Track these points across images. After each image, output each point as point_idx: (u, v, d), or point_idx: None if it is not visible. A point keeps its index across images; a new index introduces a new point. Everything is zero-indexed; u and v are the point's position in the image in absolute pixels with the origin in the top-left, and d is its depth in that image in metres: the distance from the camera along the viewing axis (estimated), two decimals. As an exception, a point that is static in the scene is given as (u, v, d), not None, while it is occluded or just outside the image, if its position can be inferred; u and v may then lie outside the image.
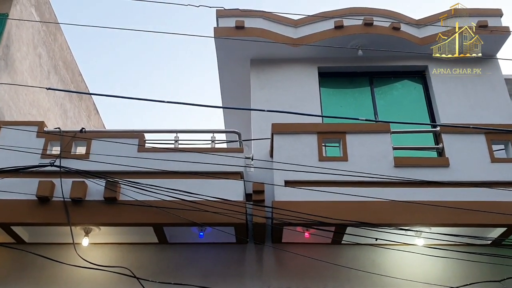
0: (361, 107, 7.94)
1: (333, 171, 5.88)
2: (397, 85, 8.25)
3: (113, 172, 5.83)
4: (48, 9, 10.22)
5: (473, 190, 5.90)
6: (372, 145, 6.23)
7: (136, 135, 6.21)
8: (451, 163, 6.13)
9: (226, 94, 9.10)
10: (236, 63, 8.27)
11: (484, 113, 7.61)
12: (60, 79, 10.84)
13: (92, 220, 5.72)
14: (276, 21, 8.08)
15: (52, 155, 6.07)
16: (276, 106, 7.41)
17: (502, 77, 8.01)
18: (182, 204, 5.53)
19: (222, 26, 7.96)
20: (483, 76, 7.96)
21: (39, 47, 9.80)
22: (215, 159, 5.98)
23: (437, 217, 5.72)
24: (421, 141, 7.44)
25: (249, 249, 6.30)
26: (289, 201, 5.78)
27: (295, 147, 6.23)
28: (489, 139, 6.29)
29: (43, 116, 9.70)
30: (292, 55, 8.08)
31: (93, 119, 13.23)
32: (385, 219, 5.72)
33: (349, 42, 7.92)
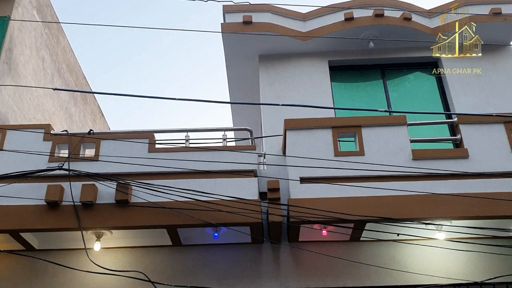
0: (374, 100, 7.76)
1: (349, 166, 5.72)
2: (410, 77, 8.07)
3: (123, 174, 5.70)
4: (50, 11, 10.09)
5: (494, 181, 5.74)
6: (389, 138, 6.06)
7: (146, 135, 6.06)
8: (471, 154, 5.96)
9: (234, 91, 8.93)
10: (245, 59, 8.11)
11: (500, 103, 7.43)
12: (64, 82, 10.70)
13: (104, 224, 5.57)
14: (284, 15, 7.91)
15: (60, 158, 5.93)
16: (287, 102, 7.24)
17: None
18: (195, 205, 5.38)
19: (229, 21, 7.78)
20: (497, 65, 7.78)
21: (42, 50, 9.66)
22: (227, 158, 5.82)
23: (458, 210, 5.56)
24: (436, 134, 7.26)
25: (265, 248, 6.15)
26: (305, 198, 5.62)
27: (309, 142, 6.06)
28: (509, 128, 6.12)
29: (48, 120, 9.55)
30: (302, 49, 7.91)
31: (98, 123, 13.10)
32: (405, 214, 5.55)
33: (359, 34, 7.74)
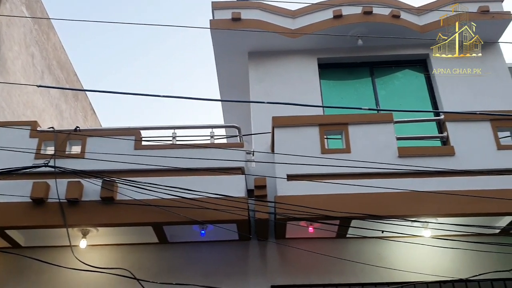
0: (363, 98, 7.78)
1: (336, 163, 5.73)
2: (398, 74, 8.09)
3: (109, 171, 5.67)
4: (39, 7, 10.04)
5: (480, 178, 5.76)
6: (375, 135, 6.08)
7: (132, 132, 6.04)
8: (457, 152, 5.98)
9: (224, 88, 8.93)
10: (234, 56, 8.09)
11: (487, 101, 7.45)
12: (55, 79, 10.66)
13: (89, 221, 5.56)
14: (273, 12, 7.90)
15: (46, 155, 5.90)
16: (276, 99, 7.24)
17: (505, 63, 7.85)
18: (181, 202, 5.37)
19: (218, 18, 7.78)
20: (485, 63, 7.80)
21: (32, 46, 9.61)
22: (214, 155, 5.82)
23: (444, 207, 5.58)
24: (424, 131, 7.28)
25: (252, 246, 6.16)
26: (292, 195, 5.63)
27: (296, 140, 6.07)
28: (495, 126, 6.14)
29: (38, 117, 9.52)
30: (291, 46, 7.91)
31: (90, 120, 13.06)
32: (390, 211, 5.57)
33: (348, 32, 7.74)
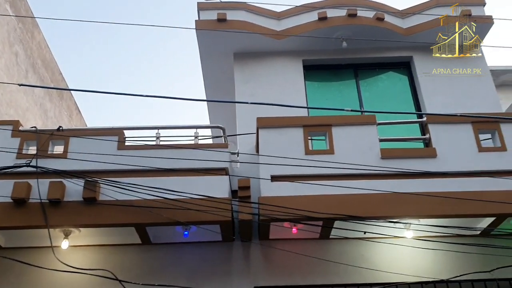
0: (347, 99, 7.82)
1: (319, 165, 5.76)
2: (382, 76, 8.14)
3: (92, 171, 5.64)
4: (24, 5, 9.95)
5: (461, 180, 5.83)
6: (358, 137, 6.12)
7: (116, 132, 6.02)
8: (438, 154, 6.05)
9: (210, 89, 8.92)
10: (219, 56, 8.08)
11: (470, 103, 7.53)
12: (39, 78, 10.57)
13: (71, 222, 5.51)
14: (258, 13, 7.91)
15: (28, 155, 5.85)
16: (261, 100, 7.25)
17: (487, 66, 7.94)
18: (164, 203, 5.35)
19: (203, 18, 7.77)
20: (467, 66, 7.88)
21: (16, 45, 9.52)
22: (198, 155, 5.81)
23: (426, 209, 5.64)
24: (408, 133, 7.35)
25: (235, 247, 6.16)
26: (275, 196, 5.64)
27: (280, 141, 6.09)
28: (476, 128, 6.22)
29: (22, 117, 9.43)
30: (276, 48, 7.93)
31: (75, 119, 12.96)
32: (373, 212, 5.62)
33: (333, 34, 7.78)
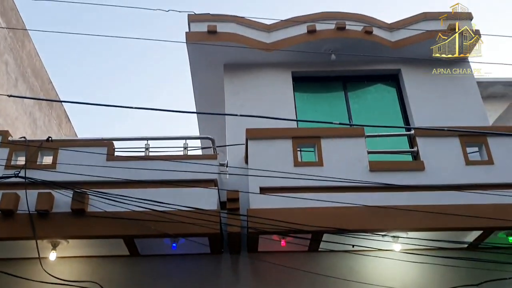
0: (336, 111, 7.87)
1: (308, 177, 5.78)
2: (370, 89, 8.22)
3: (81, 182, 5.62)
4: (15, 15, 9.94)
5: (449, 194, 5.88)
6: (347, 149, 6.16)
7: (105, 144, 6.01)
8: (426, 167, 6.10)
9: (200, 100, 8.94)
10: (209, 68, 8.11)
11: (457, 116, 7.61)
12: (29, 87, 10.53)
13: (60, 233, 5.49)
14: (248, 25, 7.96)
15: (17, 165, 5.82)
16: (251, 111, 7.28)
17: (474, 80, 8.04)
18: (153, 215, 5.35)
19: (194, 31, 7.81)
20: (455, 79, 7.98)
21: (6, 54, 9.49)
22: (187, 167, 5.81)
23: (414, 222, 5.67)
24: (396, 145, 7.39)
25: (224, 259, 6.15)
26: (264, 208, 5.65)
27: (270, 152, 6.11)
28: (463, 141, 6.28)
29: (11, 126, 9.38)
30: (266, 60, 7.98)
31: (64, 128, 12.91)
32: (361, 225, 5.65)
33: (322, 47, 7.86)
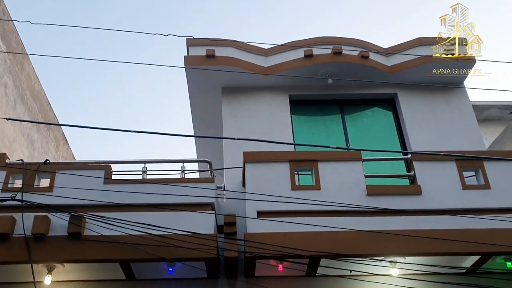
0: (333, 134, 7.93)
1: (306, 201, 5.78)
2: (367, 112, 8.28)
3: (78, 205, 5.61)
4: (15, 37, 10.03)
5: (446, 218, 5.89)
6: (345, 173, 6.17)
7: (103, 167, 6.02)
8: (423, 191, 6.11)
9: (197, 123, 8.98)
10: (208, 91, 8.18)
11: (453, 140, 7.66)
12: (27, 108, 10.56)
13: (55, 257, 5.46)
14: (246, 50, 8.05)
15: (14, 188, 5.82)
16: (248, 134, 7.33)
17: (470, 104, 8.12)
18: (150, 239, 5.33)
19: (192, 54, 7.89)
20: (451, 103, 8.06)
21: (5, 76, 9.55)
22: (185, 190, 5.80)
23: (411, 246, 5.66)
24: (393, 169, 7.42)
25: (221, 284, 6.10)
26: (261, 232, 5.63)
27: (267, 176, 6.12)
28: (460, 166, 6.31)
29: (8, 147, 9.37)
30: (263, 83, 8.05)
31: (62, 150, 12.90)
32: (359, 250, 5.63)
33: (319, 71, 7.94)
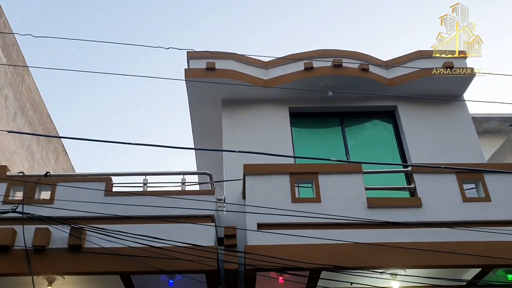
0: (333, 147, 7.94)
1: (306, 213, 5.78)
2: (367, 125, 8.31)
3: (78, 218, 5.62)
4: (15, 50, 10.09)
5: (446, 231, 5.89)
6: (345, 185, 6.18)
7: (103, 179, 6.03)
8: (424, 203, 6.11)
9: (197, 135, 9.00)
10: (208, 103, 8.20)
11: (453, 153, 7.67)
12: (27, 120, 10.59)
13: (56, 269, 5.44)
14: (246, 62, 8.09)
15: (14, 201, 5.83)
16: (248, 147, 7.35)
17: (470, 117, 8.15)
18: (150, 251, 5.33)
19: (193, 67, 7.93)
20: (451, 116, 8.09)
21: (6, 88, 9.59)
22: (185, 203, 5.80)
23: (412, 259, 5.66)
24: (393, 181, 7.42)
25: (221, 296, 6.07)
26: (262, 245, 5.63)
27: (267, 188, 6.13)
28: (460, 178, 6.32)
29: (8, 159, 9.39)
30: (263, 95, 8.08)
31: (61, 161, 12.92)
32: (359, 262, 5.62)
33: (319, 83, 7.97)
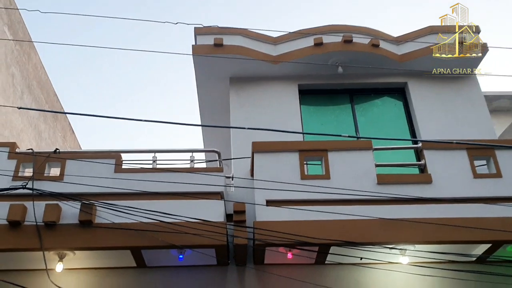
0: (342, 124, 7.89)
1: (315, 190, 5.77)
2: (377, 102, 8.23)
3: (88, 194, 5.63)
4: (22, 28, 10.02)
5: (457, 207, 5.88)
6: (355, 162, 6.16)
7: (113, 155, 6.03)
8: (434, 180, 6.09)
9: (205, 113, 8.97)
10: (215, 81, 8.15)
11: (464, 129, 7.61)
12: (34, 99, 10.58)
13: (67, 245, 5.48)
14: (255, 38, 8.00)
15: (24, 177, 5.85)
16: (256, 124, 7.30)
17: (481, 93, 8.06)
18: (160, 226, 5.35)
19: (200, 43, 7.85)
20: (462, 92, 8.00)
21: (12, 66, 9.55)
22: (194, 179, 5.82)
23: (421, 235, 5.66)
24: (403, 158, 7.39)
25: (230, 271, 6.12)
26: (271, 221, 5.64)
27: (276, 165, 6.12)
28: (471, 155, 6.28)
29: (16, 138, 9.41)
30: (272, 72, 8.01)
31: (68, 140, 12.94)
32: (369, 238, 5.63)
33: (328, 59, 7.88)
